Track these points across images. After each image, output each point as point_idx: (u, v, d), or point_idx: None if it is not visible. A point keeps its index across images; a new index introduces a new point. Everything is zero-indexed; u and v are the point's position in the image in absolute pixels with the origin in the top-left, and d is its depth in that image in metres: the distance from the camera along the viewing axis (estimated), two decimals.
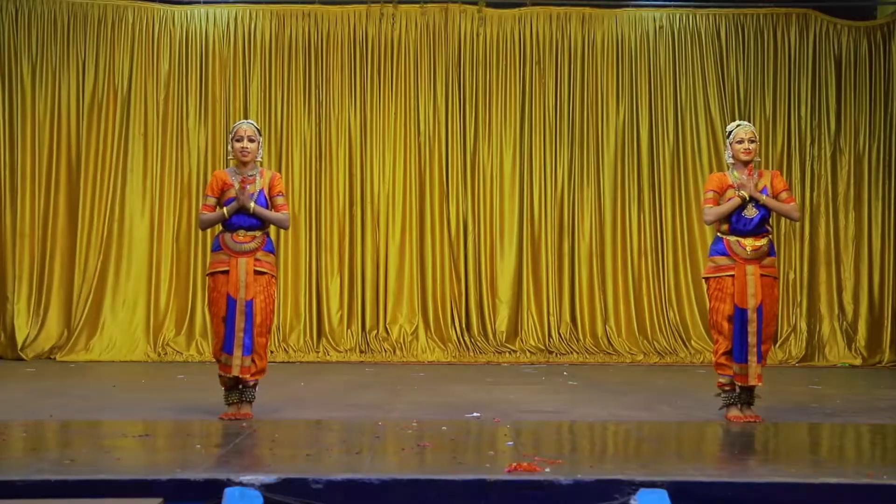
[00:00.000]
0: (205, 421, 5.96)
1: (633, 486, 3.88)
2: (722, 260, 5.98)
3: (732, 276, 5.89)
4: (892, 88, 10.54)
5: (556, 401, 7.14)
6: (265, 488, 3.85)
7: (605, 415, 6.43)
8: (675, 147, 10.54)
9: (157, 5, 10.50)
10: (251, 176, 6.01)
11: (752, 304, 5.82)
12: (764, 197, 5.91)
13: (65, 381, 8.21)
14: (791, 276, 10.47)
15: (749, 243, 5.93)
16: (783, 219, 10.43)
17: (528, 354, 10.21)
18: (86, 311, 10.11)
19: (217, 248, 5.96)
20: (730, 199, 5.93)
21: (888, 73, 10.55)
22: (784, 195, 6.00)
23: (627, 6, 10.75)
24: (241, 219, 5.92)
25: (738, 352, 5.83)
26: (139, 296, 10.25)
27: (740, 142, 5.99)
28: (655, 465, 4.39)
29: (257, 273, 5.92)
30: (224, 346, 5.83)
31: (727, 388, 5.95)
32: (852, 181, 10.57)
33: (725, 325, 5.88)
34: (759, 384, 5.84)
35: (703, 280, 6.24)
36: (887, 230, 10.52)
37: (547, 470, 4.09)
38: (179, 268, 10.33)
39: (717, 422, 6.20)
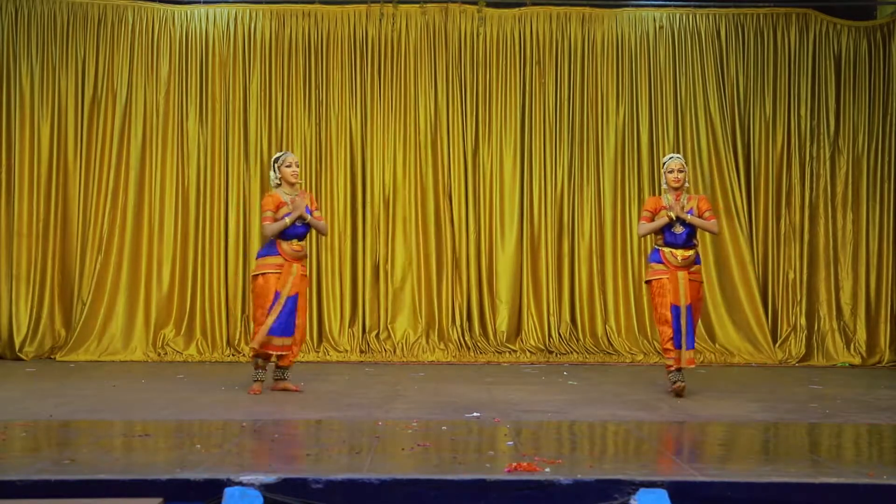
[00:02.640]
0: (205, 421, 5.97)
1: (633, 486, 3.89)
2: (659, 267, 7.38)
3: (668, 278, 7.26)
4: (892, 88, 10.54)
5: (556, 401, 7.14)
6: (265, 488, 3.86)
7: (605, 415, 6.43)
8: (675, 147, 10.54)
9: (157, 5, 10.50)
10: (298, 195, 7.41)
11: (683, 302, 7.23)
12: (689, 216, 7.30)
13: (65, 381, 8.21)
14: (790, 275, 10.47)
15: (679, 253, 7.36)
16: (783, 221, 10.54)
17: (528, 354, 10.21)
18: (85, 311, 10.11)
19: (269, 253, 7.30)
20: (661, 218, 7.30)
21: (888, 74, 10.55)
22: (706, 214, 7.42)
23: (627, 6, 10.75)
24: (296, 229, 7.33)
25: (677, 341, 7.19)
26: (139, 296, 10.24)
27: (671, 171, 7.47)
28: (655, 465, 4.39)
29: (302, 276, 7.36)
30: (282, 332, 7.19)
31: (672, 368, 7.28)
32: (851, 181, 10.57)
33: (669, 314, 7.20)
34: (692, 366, 7.34)
35: (646, 283, 7.61)
36: (886, 230, 10.52)
37: (547, 470, 4.10)
38: (179, 268, 10.32)
39: (717, 422, 6.20)
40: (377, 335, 10.34)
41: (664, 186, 7.49)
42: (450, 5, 10.60)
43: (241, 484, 3.87)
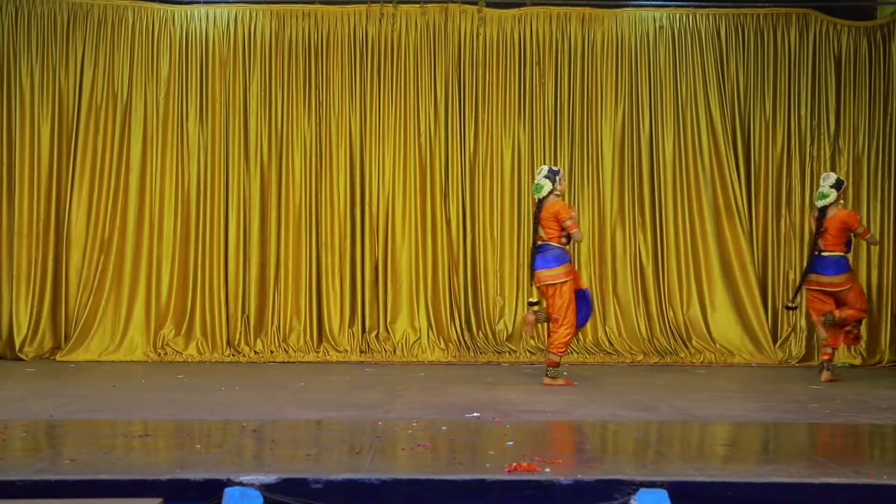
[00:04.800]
0: (205, 421, 5.97)
1: (633, 486, 3.89)
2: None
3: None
4: (892, 89, 10.54)
5: (556, 401, 7.14)
6: (265, 488, 3.86)
7: (605, 415, 6.43)
8: (675, 147, 10.54)
9: (157, 5, 10.50)
10: None
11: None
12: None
13: (65, 381, 8.21)
14: (791, 275, 10.45)
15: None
16: (783, 221, 10.53)
17: (528, 354, 10.21)
18: (86, 311, 10.11)
19: (567, 259, 8.17)
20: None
21: (888, 74, 10.55)
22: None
23: (627, 6, 10.74)
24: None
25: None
26: (139, 296, 10.24)
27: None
28: (655, 465, 4.39)
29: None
30: (581, 322, 8.26)
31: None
32: (851, 181, 10.55)
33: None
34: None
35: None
36: (886, 230, 10.51)
37: (547, 470, 4.10)
38: (179, 268, 10.32)
39: (717, 422, 6.21)
40: (377, 335, 10.33)
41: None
42: (450, 5, 10.60)
43: (241, 484, 3.87)
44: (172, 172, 10.37)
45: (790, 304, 9.13)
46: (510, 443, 4.98)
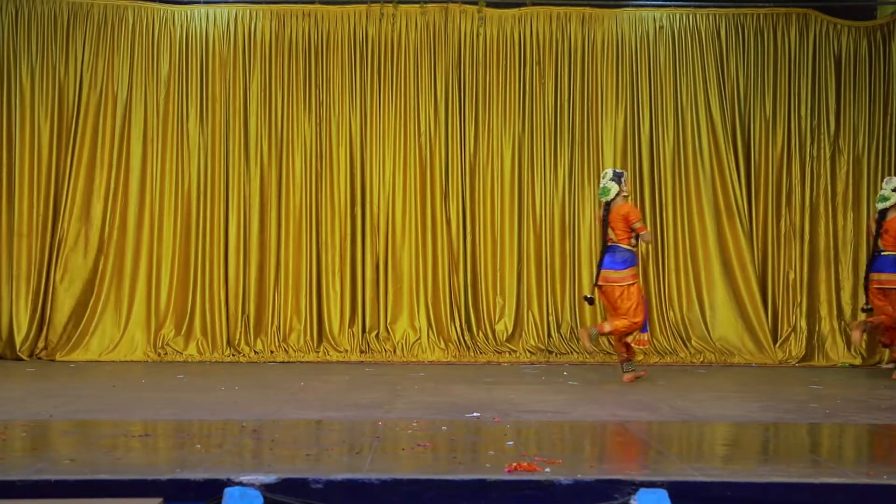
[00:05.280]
0: (205, 421, 5.97)
1: (633, 486, 3.89)
2: None
3: None
4: (892, 88, 10.54)
5: (556, 401, 7.14)
6: (265, 488, 3.86)
7: (605, 415, 6.43)
8: (675, 147, 10.54)
9: (157, 5, 10.50)
10: None
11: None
12: None
13: (65, 381, 8.21)
14: (791, 276, 10.47)
15: None
16: (783, 221, 10.54)
17: (528, 354, 10.21)
18: (86, 311, 10.11)
19: (636, 261, 8.33)
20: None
21: (888, 73, 10.55)
22: None
23: (627, 6, 10.75)
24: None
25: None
26: (139, 296, 10.24)
27: None
28: (655, 465, 4.39)
29: None
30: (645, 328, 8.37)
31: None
32: (851, 181, 10.57)
33: None
34: None
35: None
36: None
37: (547, 470, 4.10)
38: (179, 268, 10.32)
39: (717, 422, 6.21)
40: (377, 335, 10.34)
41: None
42: (450, 5, 10.60)
43: (241, 484, 3.87)
44: (172, 172, 10.37)
45: (866, 307, 9.24)
46: (510, 443, 4.97)
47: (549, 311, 10.42)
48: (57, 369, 9.19)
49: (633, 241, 8.25)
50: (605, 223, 8.31)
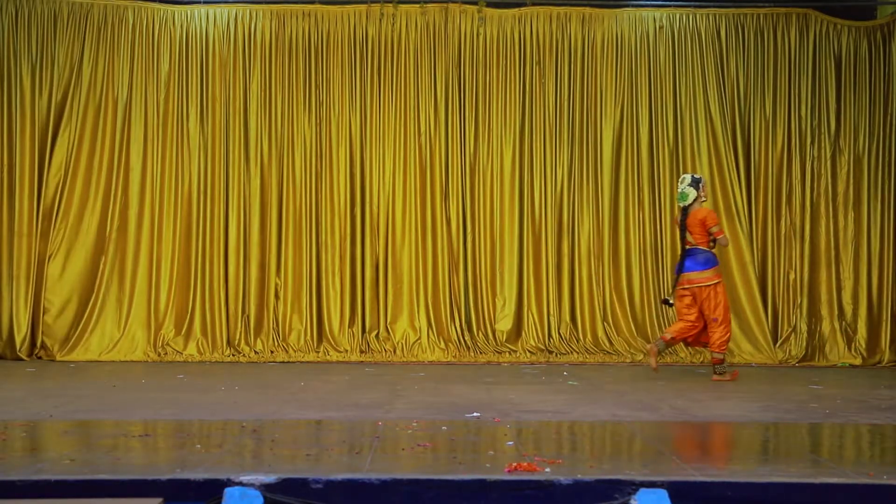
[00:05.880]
0: (205, 421, 5.97)
1: (633, 486, 3.89)
2: None
3: None
4: (892, 88, 10.54)
5: (556, 401, 7.14)
6: (265, 488, 3.86)
7: (605, 415, 6.43)
8: (675, 147, 10.54)
9: (157, 5, 10.50)
10: None
11: None
12: None
13: (65, 381, 8.21)
14: (791, 276, 10.47)
15: None
16: (783, 221, 10.54)
17: (528, 354, 10.21)
18: (86, 311, 10.11)
19: (717, 262, 8.58)
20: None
21: (888, 73, 10.55)
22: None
23: (627, 6, 10.75)
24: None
25: None
26: (139, 296, 10.24)
27: None
28: (655, 465, 4.39)
29: None
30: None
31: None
32: (852, 181, 10.57)
33: None
34: None
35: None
36: (887, 230, 10.52)
37: (547, 470, 4.10)
38: (179, 268, 10.32)
39: (717, 422, 6.21)
40: (377, 335, 10.34)
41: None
42: (450, 5, 10.60)
43: (241, 484, 3.87)
44: (172, 172, 10.37)
45: None
46: (510, 443, 4.98)
47: (549, 311, 10.42)
48: (57, 369, 9.19)
49: (710, 243, 8.54)
50: (682, 227, 8.62)
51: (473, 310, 10.44)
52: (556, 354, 10.20)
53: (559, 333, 10.37)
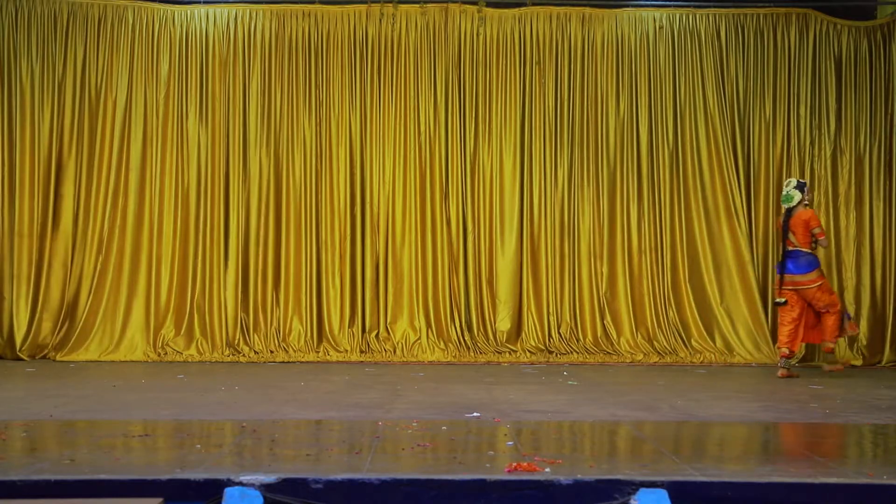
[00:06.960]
0: (205, 421, 5.97)
1: (633, 486, 3.89)
2: None
3: None
4: (892, 88, 10.54)
5: (556, 401, 7.14)
6: (265, 488, 3.86)
7: (605, 415, 6.43)
8: (675, 147, 10.54)
9: (157, 5, 10.50)
10: None
11: None
12: None
13: (65, 381, 8.21)
14: None
15: None
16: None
17: (528, 354, 10.21)
18: (86, 311, 10.11)
19: (819, 263, 8.93)
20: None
21: (888, 73, 10.55)
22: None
23: (627, 6, 10.75)
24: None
25: None
26: (139, 295, 10.24)
27: None
28: (655, 465, 4.39)
29: None
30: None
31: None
32: (853, 181, 10.56)
33: None
34: None
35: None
36: (888, 230, 10.51)
37: (547, 470, 4.10)
38: (179, 268, 10.32)
39: (717, 422, 6.20)
40: (377, 335, 10.33)
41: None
42: (450, 5, 10.60)
43: (241, 484, 3.87)
44: (172, 172, 10.37)
45: None
46: (510, 443, 4.97)
47: (549, 311, 10.41)
48: (57, 369, 9.19)
49: (812, 245, 8.86)
50: (784, 229, 8.94)
51: (473, 310, 10.43)
52: (556, 354, 10.19)
53: (559, 333, 10.36)
